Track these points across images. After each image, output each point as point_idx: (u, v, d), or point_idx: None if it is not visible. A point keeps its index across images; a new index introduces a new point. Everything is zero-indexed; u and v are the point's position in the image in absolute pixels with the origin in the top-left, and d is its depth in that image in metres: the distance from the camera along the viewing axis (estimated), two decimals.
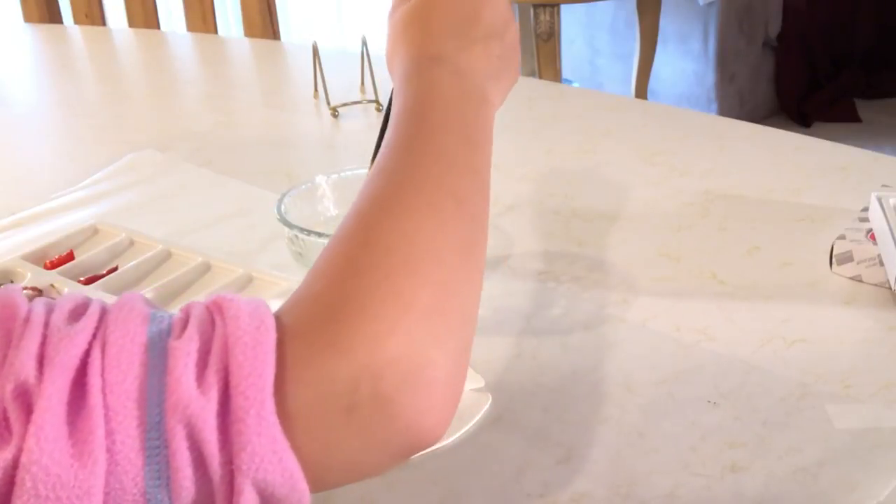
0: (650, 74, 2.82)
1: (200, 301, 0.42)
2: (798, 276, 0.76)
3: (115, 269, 0.80)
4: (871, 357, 0.66)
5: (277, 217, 0.75)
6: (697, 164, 0.98)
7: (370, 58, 1.20)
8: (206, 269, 0.80)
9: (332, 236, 0.46)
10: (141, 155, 1.08)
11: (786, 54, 3.09)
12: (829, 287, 0.75)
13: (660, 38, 2.82)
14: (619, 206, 0.90)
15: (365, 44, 1.20)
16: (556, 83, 1.73)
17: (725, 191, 0.91)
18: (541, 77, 2.53)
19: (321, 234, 0.73)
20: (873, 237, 0.75)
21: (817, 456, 0.57)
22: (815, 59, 3.14)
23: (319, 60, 1.20)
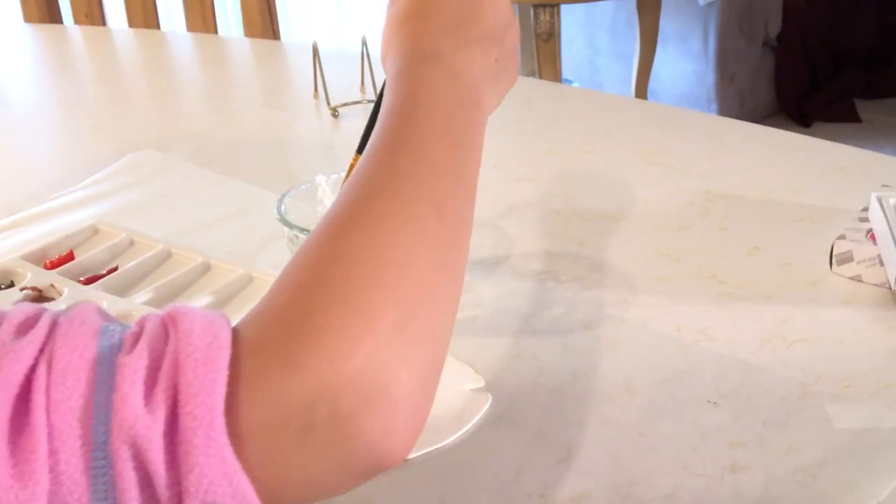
0: (650, 74, 2.82)
1: (157, 313, 0.40)
2: (798, 276, 0.76)
3: (115, 269, 0.80)
4: (871, 357, 0.66)
5: (277, 217, 0.75)
6: (697, 164, 0.98)
7: (370, 58, 1.20)
8: (206, 269, 0.80)
9: (301, 244, 0.44)
10: (141, 155, 1.08)
11: (786, 54, 3.09)
12: (829, 287, 0.75)
13: (660, 38, 2.82)
14: (619, 206, 0.90)
15: (365, 44, 1.20)
16: (556, 83, 1.73)
17: (725, 191, 0.91)
18: (541, 77, 2.53)
19: None
20: (873, 237, 0.75)
21: (817, 456, 0.57)
22: (815, 58, 3.14)
23: (319, 60, 1.20)
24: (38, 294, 0.75)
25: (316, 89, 1.22)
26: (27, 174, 1.09)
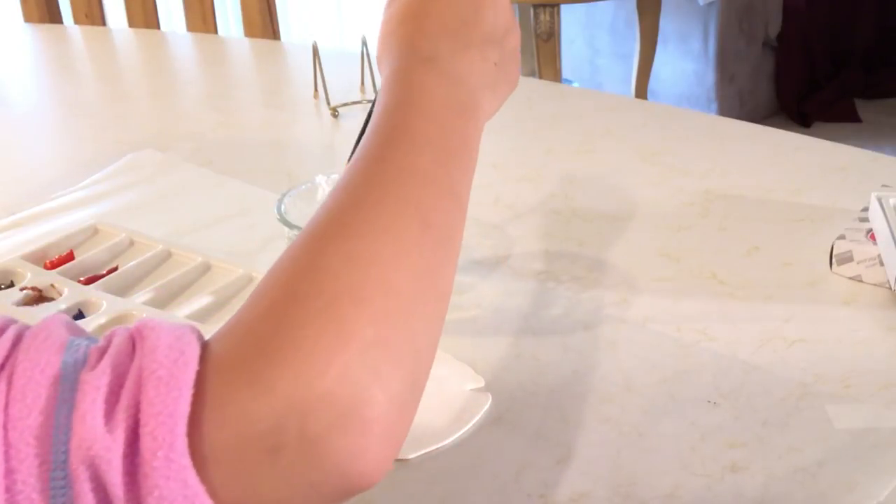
0: (650, 74, 2.82)
1: (127, 327, 0.39)
2: (798, 276, 0.76)
3: (115, 269, 0.80)
4: (871, 357, 0.66)
5: (277, 217, 0.75)
6: (697, 164, 0.98)
7: (370, 58, 1.20)
8: (206, 269, 0.80)
9: (279, 256, 0.42)
10: (141, 155, 1.08)
11: (786, 54, 3.09)
12: (829, 287, 0.75)
13: (660, 38, 2.82)
14: (619, 206, 0.90)
15: (365, 44, 1.20)
16: (556, 83, 1.73)
17: (725, 191, 0.91)
18: (541, 77, 2.53)
19: None
20: (873, 237, 0.75)
21: (817, 456, 0.57)
22: (815, 59, 3.14)
23: (319, 60, 1.20)
24: (38, 294, 0.75)
25: (316, 89, 1.22)
26: (27, 174, 1.09)
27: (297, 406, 0.36)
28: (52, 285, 0.76)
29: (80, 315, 0.73)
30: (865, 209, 0.78)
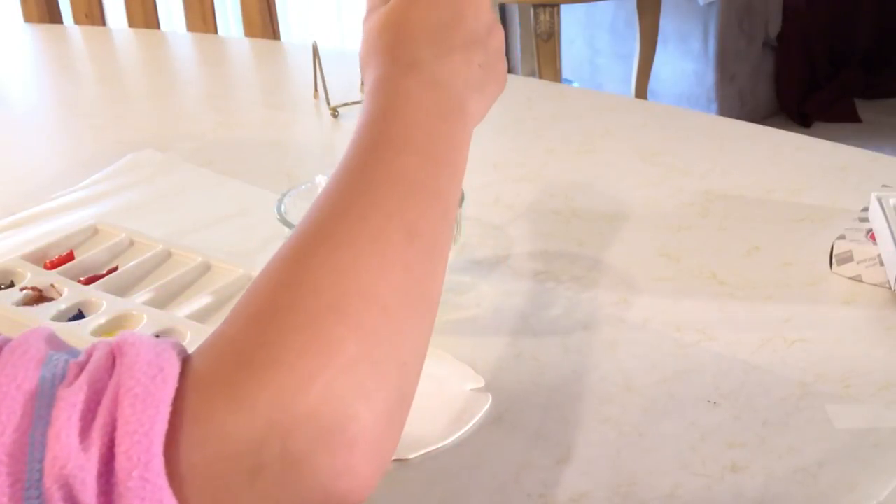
0: (650, 74, 2.82)
1: (108, 341, 0.38)
2: (798, 276, 0.76)
3: (115, 269, 0.80)
4: (871, 357, 0.66)
5: (277, 217, 0.75)
6: (697, 164, 0.98)
7: None
8: (206, 269, 0.80)
9: (262, 269, 0.41)
10: (141, 155, 1.08)
11: (786, 54, 3.09)
12: (829, 287, 0.75)
13: (660, 38, 2.82)
14: (619, 206, 0.90)
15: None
16: (556, 83, 1.73)
17: (725, 191, 0.91)
18: (541, 77, 2.53)
19: None
20: (873, 237, 0.75)
21: (817, 456, 0.57)
22: (815, 59, 3.14)
23: (319, 60, 1.20)
24: (38, 294, 0.75)
25: (316, 89, 1.22)
26: (27, 174, 1.09)
27: (278, 424, 0.35)
28: (52, 285, 0.76)
29: (80, 315, 0.73)
30: (865, 209, 0.78)
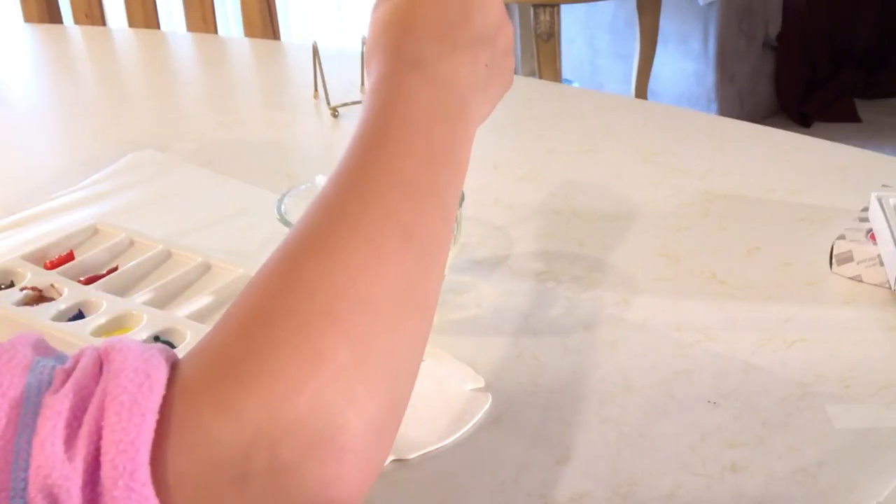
0: (650, 74, 2.82)
1: (96, 347, 0.37)
2: (798, 276, 0.76)
3: (115, 269, 0.80)
4: (871, 357, 0.66)
5: (277, 217, 0.75)
6: (697, 164, 0.98)
7: None
8: (206, 269, 0.80)
9: (255, 273, 0.40)
10: (141, 155, 1.08)
11: (786, 54, 3.10)
12: (829, 287, 0.75)
13: (660, 38, 2.82)
14: (619, 206, 0.90)
15: (365, 44, 1.20)
16: (556, 83, 1.73)
17: (725, 191, 0.91)
18: (541, 77, 2.54)
19: None
20: (873, 237, 0.75)
21: (817, 456, 0.57)
22: (815, 58, 3.14)
23: (319, 60, 1.20)
24: (38, 294, 0.75)
25: (316, 89, 1.22)
26: (27, 174, 1.09)
27: (266, 433, 0.34)
28: (52, 285, 0.76)
29: (80, 315, 0.73)
30: (865, 209, 0.78)
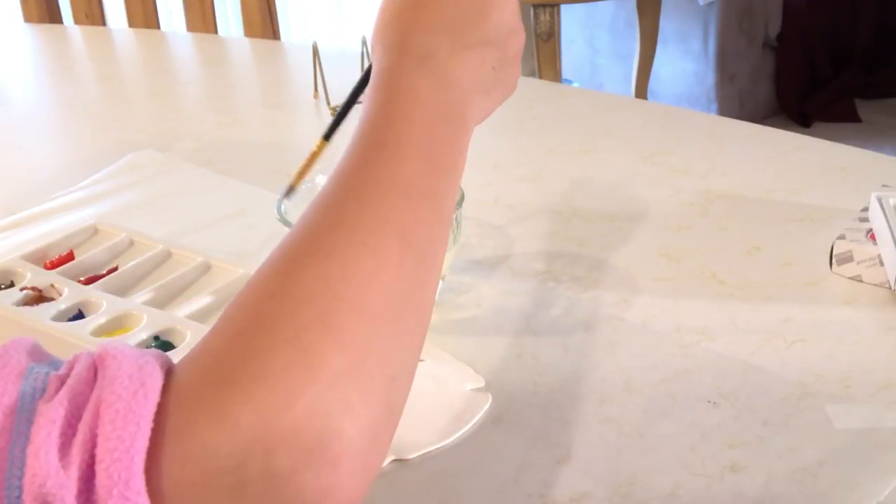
0: (650, 74, 2.82)
1: (90, 352, 0.37)
2: (798, 276, 0.76)
3: (115, 269, 0.80)
4: (871, 357, 0.66)
5: (277, 217, 0.75)
6: (697, 164, 0.98)
7: (370, 58, 1.20)
8: (206, 269, 0.80)
9: (251, 277, 0.40)
10: (141, 155, 1.08)
11: (786, 54, 3.09)
12: (829, 287, 0.75)
13: (660, 38, 2.82)
14: (619, 206, 0.90)
15: (365, 44, 1.19)
16: (556, 83, 1.73)
17: (725, 191, 0.91)
18: (541, 77, 2.53)
19: None
20: (873, 237, 0.75)
21: (817, 456, 0.57)
22: (815, 59, 3.14)
23: (319, 60, 1.20)
24: (38, 294, 0.75)
25: (316, 89, 1.22)
26: (27, 174, 1.09)
27: (262, 441, 0.34)
28: (52, 285, 0.76)
29: (80, 315, 0.73)
30: (865, 209, 0.78)
